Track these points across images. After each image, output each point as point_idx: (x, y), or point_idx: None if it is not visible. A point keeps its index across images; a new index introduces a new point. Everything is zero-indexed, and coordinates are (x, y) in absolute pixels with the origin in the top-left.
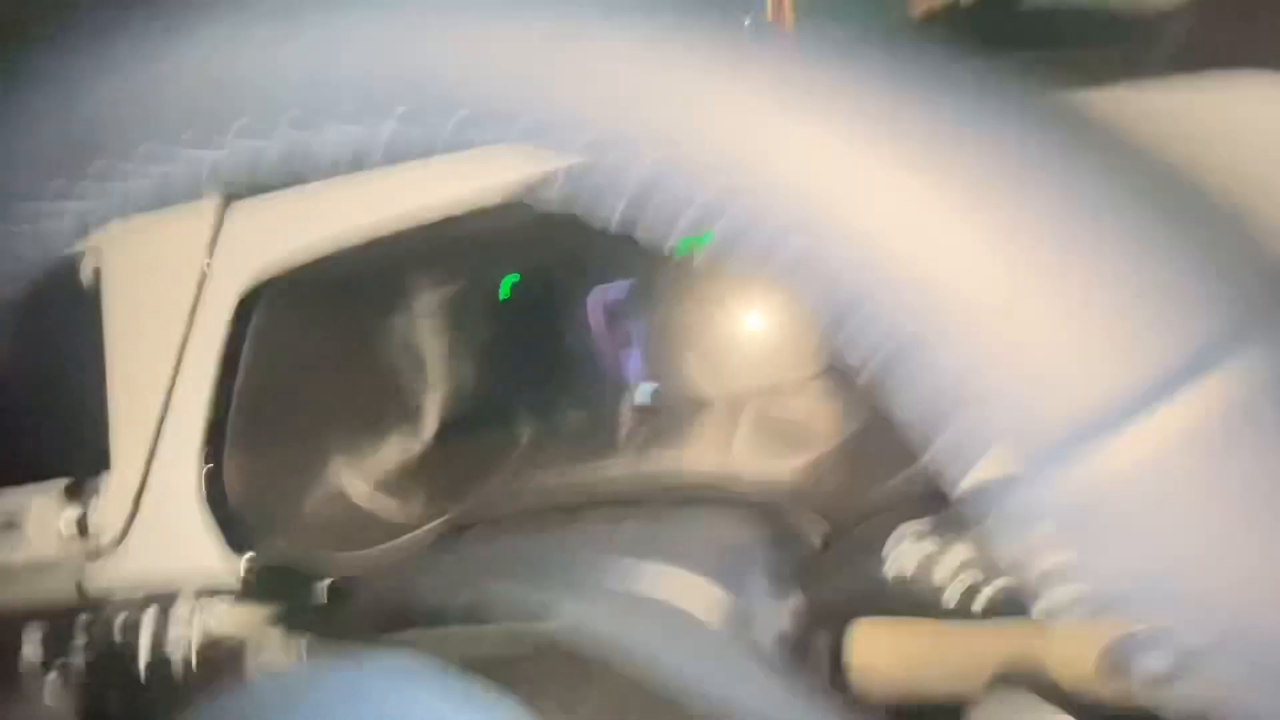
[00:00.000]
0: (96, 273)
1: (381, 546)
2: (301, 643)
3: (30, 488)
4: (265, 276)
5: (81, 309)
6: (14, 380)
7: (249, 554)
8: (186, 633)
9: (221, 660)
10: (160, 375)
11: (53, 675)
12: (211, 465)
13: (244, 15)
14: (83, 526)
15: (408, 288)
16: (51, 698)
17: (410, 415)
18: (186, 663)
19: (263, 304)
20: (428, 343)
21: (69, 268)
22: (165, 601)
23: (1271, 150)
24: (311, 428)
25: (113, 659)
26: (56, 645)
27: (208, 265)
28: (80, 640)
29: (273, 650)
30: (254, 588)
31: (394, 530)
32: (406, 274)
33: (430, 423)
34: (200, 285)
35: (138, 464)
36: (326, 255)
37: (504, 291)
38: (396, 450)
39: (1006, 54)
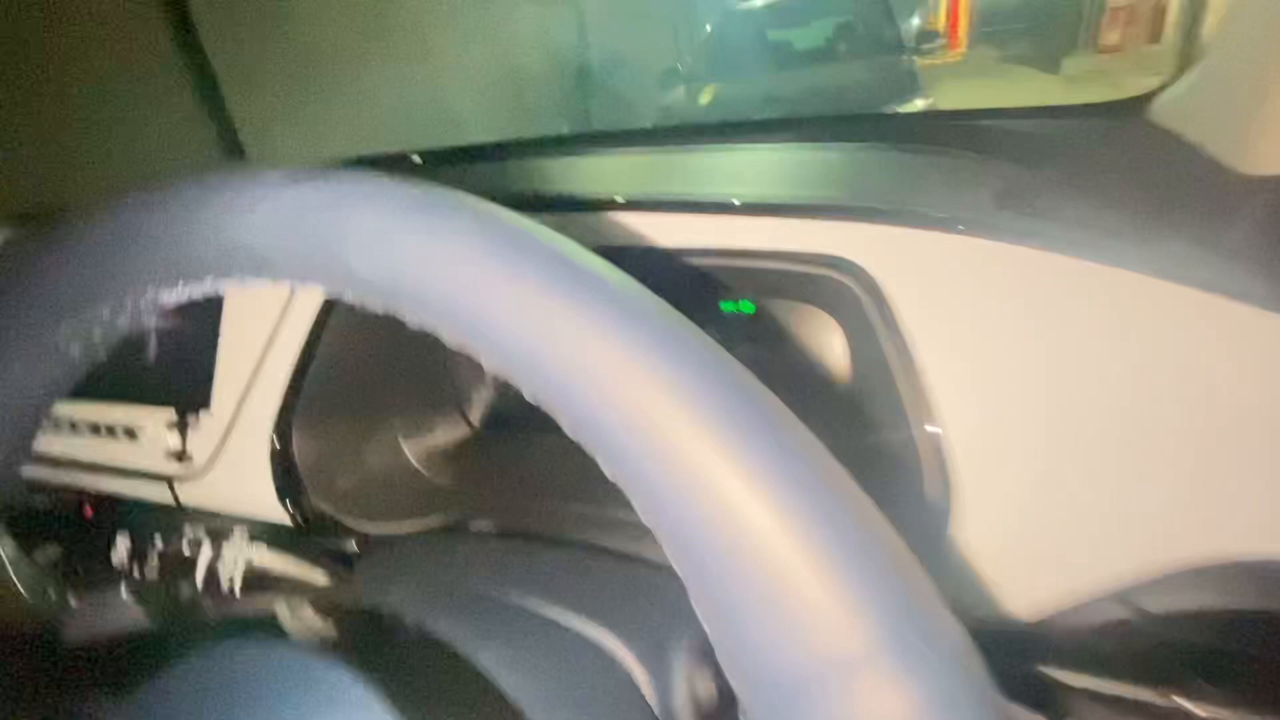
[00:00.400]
0: None
1: (417, 518)
2: (325, 596)
3: (145, 408)
4: None
5: None
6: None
7: (303, 503)
8: (235, 559)
9: (258, 591)
10: (259, 345)
11: (134, 575)
12: (285, 425)
13: None
14: (181, 451)
15: None
16: (129, 595)
17: (461, 405)
18: (231, 585)
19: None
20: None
21: None
22: (226, 529)
23: None
24: (373, 405)
25: (179, 569)
26: (140, 550)
27: None
28: (159, 548)
29: (300, 602)
30: (301, 532)
31: (432, 504)
32: None
33: (477, 413)
34: None
35: (229, 412)
36: None
37: None
38: (445, 433)
39: None
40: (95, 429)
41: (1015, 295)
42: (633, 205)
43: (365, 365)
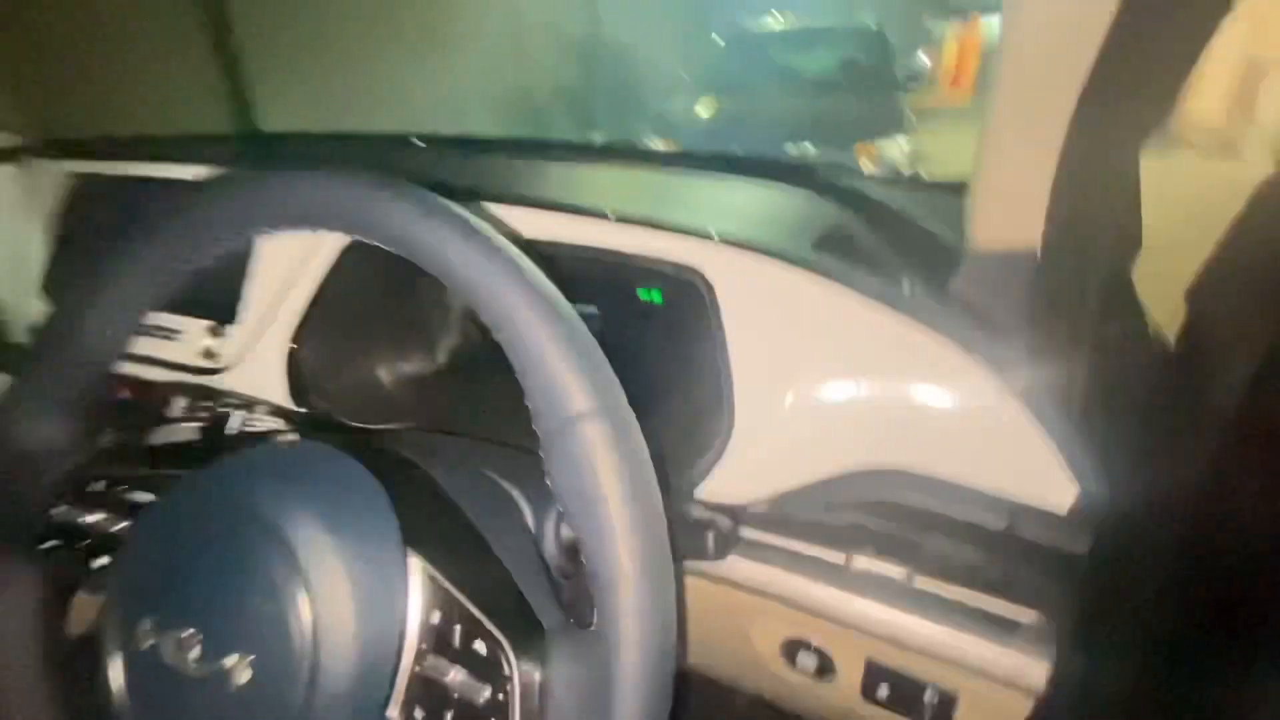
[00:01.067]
0: None
1: (390, 422)
2: None
3: (188, 318)
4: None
5: None
6: None
7: (307, 401)
8: (259, 423)
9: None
10: (283, 278)
11: (182, 428)
12: (298, 340)
13: None
14: (213, 352)
15: None
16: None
17: (429, 344)
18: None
19: (355, 253)
20: (449, 309)
21: None
22: (251, 404)
23: None
24: (365, 335)
25: (212, 428)
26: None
27: None
28: (198, 414)
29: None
30: (303, 426)
31: (401, 413)
32: None
33: (441, 352)
34: None
35: (254, 328)
36: None
37: None
38: (415, 364)
39: None
40: (146, 330)
41: (787, 304)
42: (548, 206)
43: (362, 305)
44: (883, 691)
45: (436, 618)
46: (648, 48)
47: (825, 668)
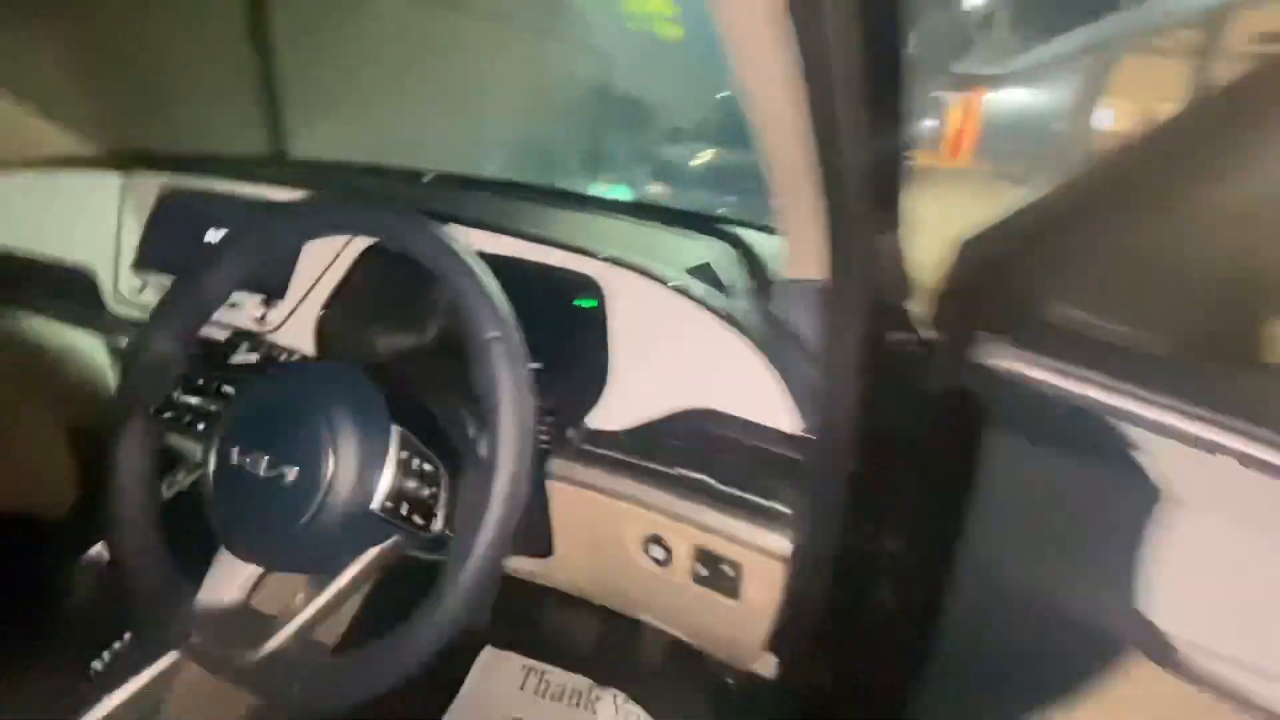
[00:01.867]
0: None
1: None
2: None
3: (247, 294)
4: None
5: None
6: None
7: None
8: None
9: None
10: (319, 269)
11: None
12: (325, 313)
13: None
14: (265, 319)
15: None
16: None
17: (418, 328)
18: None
19: (369, 255)
20: (426, 301)
21: None
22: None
23: None
24: (372, 318)
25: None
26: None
27: None
28: (255, 353)
29: None
30: None
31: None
32: None
33: (428, 334)
34: None
35: (295, 303)
36: None
37: None
38: (405, 339)
39: None
40: None
41: (650, 306)
42: (506, 231)
43: (373, 297)
44: (701, 571)
45: (405, 455)
46: (654, 101)
47: (667, 558)
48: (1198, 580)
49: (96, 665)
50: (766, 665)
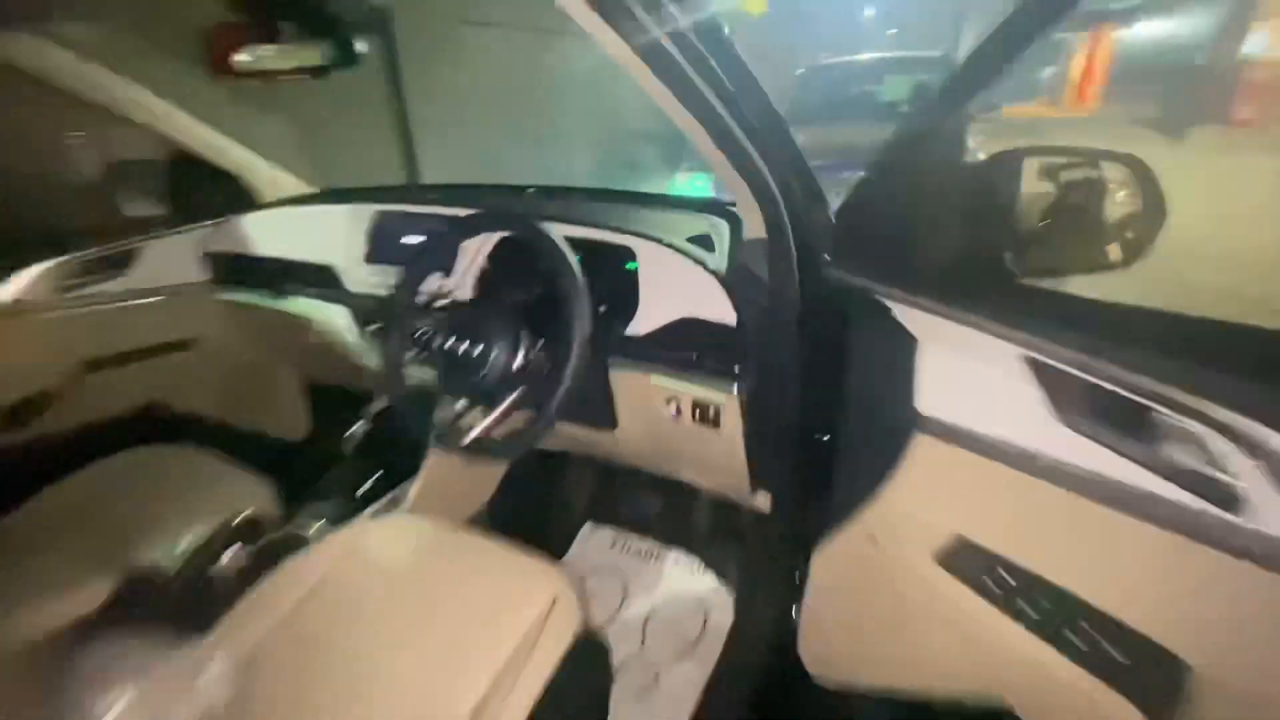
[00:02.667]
0: None
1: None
2: None
3: (435, 274)
4: None
5: None
6: None
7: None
8: None
9: None
10: (473, 255)
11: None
12: (476, 279)
13: None
14: (445, 288)
15: None
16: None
17: (530, 290)
18: None
19: (504, 242)
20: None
21: None
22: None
23: None
24: (498, 281)
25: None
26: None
27: None
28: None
29: None
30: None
31: None
32: None
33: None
34: None
35: (460, 275)
36: None
37: None
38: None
39: None
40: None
41: (664, 263)
42: (584, 223)
43: (503, 268)
44: (697, 415)
45: (528, 344)
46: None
47: (679, 411)
48: (940, 382)
49: (364, 488)
50: (765, 502)
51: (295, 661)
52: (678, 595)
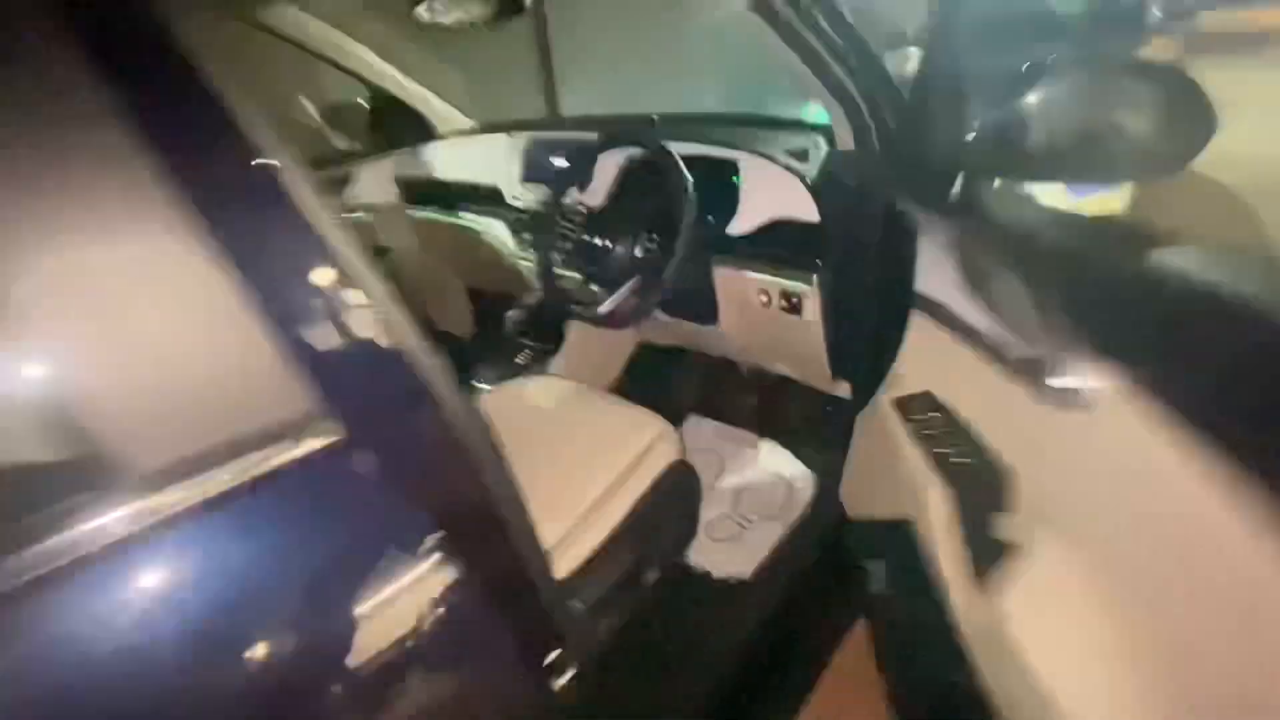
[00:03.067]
0: None
1: None
2: None
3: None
4: None
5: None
6: None
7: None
8: None
9: None
10: (607, 171)
11: None
12: (611, 190)
13: None
14: (581, 199)
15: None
16: None
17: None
18: None
19: (631, 160)
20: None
21: None
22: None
23: None
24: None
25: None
26: None
27: None
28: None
29: None
30: None
31: None
32: None
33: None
34: None
35: (597, 188)
36: None
37: None
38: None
39: None
40: None
41: (755, 172)
42: (696, 140)
43: (633, 182)
44: (784, 304)
45: (645, 238)
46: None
47: (769, 301)
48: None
49: (520, 360)
50: (844, 389)
51: None
52: (767, 472)
